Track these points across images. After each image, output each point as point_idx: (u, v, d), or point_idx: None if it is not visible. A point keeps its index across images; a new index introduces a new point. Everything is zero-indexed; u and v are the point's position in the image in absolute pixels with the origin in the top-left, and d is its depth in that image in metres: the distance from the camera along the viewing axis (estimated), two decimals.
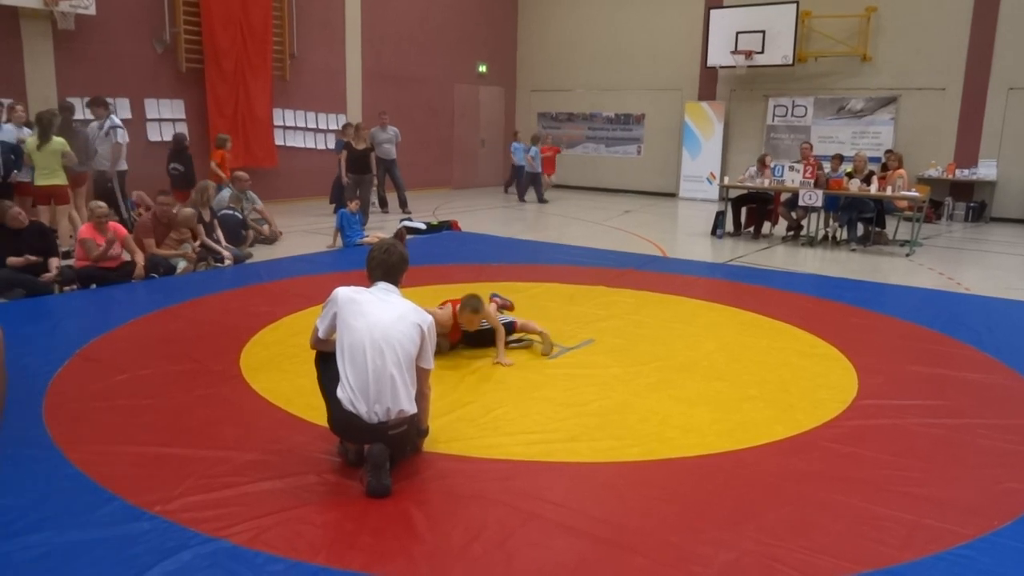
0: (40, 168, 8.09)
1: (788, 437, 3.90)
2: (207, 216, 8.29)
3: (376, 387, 3.20)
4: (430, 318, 3.41)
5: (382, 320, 3.26)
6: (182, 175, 10.33)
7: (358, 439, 3.33)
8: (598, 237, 10.96)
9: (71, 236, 8.06)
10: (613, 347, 5.38)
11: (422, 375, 3.44)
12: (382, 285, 3.43)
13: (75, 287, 6.71)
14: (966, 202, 13.74)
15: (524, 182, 15.52)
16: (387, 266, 3.45)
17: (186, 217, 7.65)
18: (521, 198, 15.59)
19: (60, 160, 8.20)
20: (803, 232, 10.96)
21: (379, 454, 3.16)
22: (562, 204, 15.27)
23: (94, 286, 6.76)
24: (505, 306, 5.83)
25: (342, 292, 3.37)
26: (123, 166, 9.51)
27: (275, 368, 4.72)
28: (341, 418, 3.29)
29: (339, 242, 9.48)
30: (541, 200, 15.24)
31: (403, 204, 12.92)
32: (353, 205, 9.79)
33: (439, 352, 4.71)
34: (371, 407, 3.20)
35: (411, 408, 3.28)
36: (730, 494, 3.29)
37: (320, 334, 3.43)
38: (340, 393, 3.25)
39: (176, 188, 9.81)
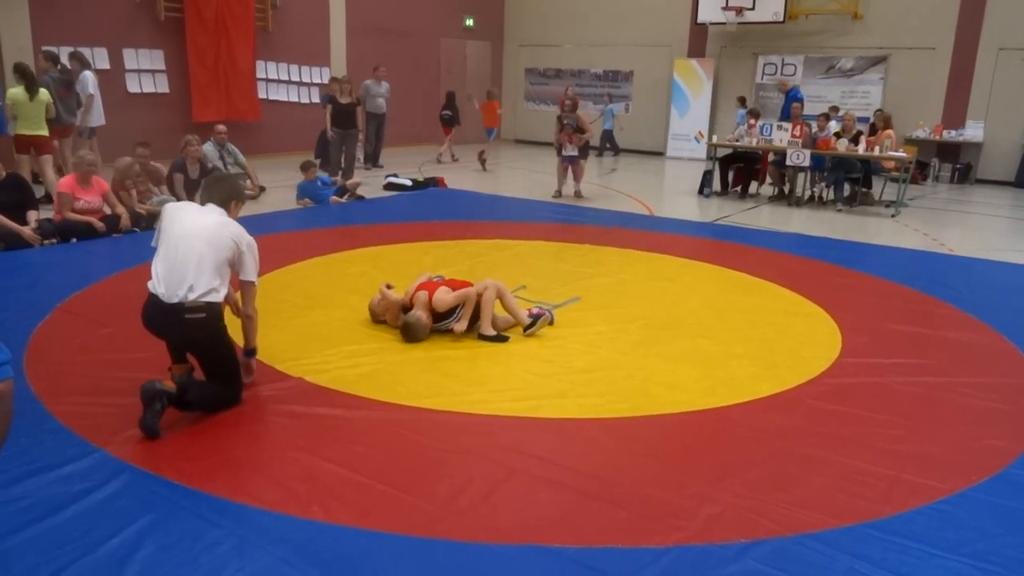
0: (30, 119, 8.16)
1: (772, 394, 3.94)
2: (195, 173, 8.12)
3: (180, 270, 3.33)
4: (249, 237, 3.57)
5: (197, 222, 3.47)
6: (451, 118, 14.25)
7: (159, 326, 3.43)
8: (585, 195, 10.89)
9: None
10: (599, 305, 5.37)
11: (247, 292, 3.63)
12: (211, 207, 3.60)
13: (55, 240, 6.60)
14: (952, 163, 13.71)
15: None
16: (216, 192, 3.66)
17: (122, 168, 7.32)
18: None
19: (45, 111, 8.30)
20: (794, 192, 10.93)
21: (148, 391, 3.17)
22: (549, 162, 15.12)
23: (74, 240, 6.65)
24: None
25: (170, 204, 3.68)
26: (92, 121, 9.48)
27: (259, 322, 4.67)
28: (146, 306, 3.41)
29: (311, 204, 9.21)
30: None
31: (373, 159, 12.87)
32: (309, 175, 9.23)
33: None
34: (171, 289, 3.31)
35: (213, 297, 3.37)
36: (714, 450, 3.32)
37: (152, 243, 3.57)
38: (149, 284, 3.38)
39: (446, 126, 14.27)
